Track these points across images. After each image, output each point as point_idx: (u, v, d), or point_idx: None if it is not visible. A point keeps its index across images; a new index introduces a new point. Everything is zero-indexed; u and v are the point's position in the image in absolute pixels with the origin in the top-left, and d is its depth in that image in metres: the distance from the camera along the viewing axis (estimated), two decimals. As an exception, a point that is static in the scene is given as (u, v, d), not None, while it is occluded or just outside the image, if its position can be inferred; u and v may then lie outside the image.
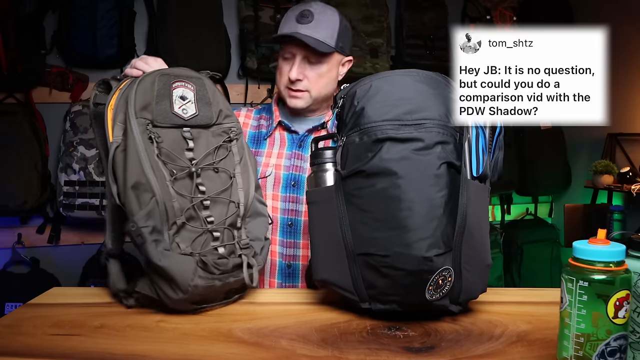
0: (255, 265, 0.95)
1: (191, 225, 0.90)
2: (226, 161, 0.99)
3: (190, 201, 0.91)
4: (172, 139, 0.93)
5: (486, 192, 0.89)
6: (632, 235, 0.65)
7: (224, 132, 1.00)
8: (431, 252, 0.79)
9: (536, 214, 3.17)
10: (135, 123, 0.89)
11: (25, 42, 2.32)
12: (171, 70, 0.97)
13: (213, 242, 0.92)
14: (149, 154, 0.88)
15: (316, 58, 1.24)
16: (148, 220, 0.85)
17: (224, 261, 0.90)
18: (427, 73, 0.89)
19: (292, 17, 1.23)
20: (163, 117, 0.92)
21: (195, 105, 0.96)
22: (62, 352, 0.75)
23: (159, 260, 0.84)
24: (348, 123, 0.89)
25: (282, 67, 1.28)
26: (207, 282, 0.87)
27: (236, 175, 0.98)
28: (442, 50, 2.84)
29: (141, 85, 0.92)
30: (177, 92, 0.95)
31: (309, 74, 1.25)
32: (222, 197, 0.95)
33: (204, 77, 1.00)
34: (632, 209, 2.65)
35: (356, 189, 0.85)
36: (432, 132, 0.83)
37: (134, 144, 0.87)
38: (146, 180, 0.86)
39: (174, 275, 0.85)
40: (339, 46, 1.25)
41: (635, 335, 0.64)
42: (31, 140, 2.33)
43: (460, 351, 0.75)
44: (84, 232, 2.53)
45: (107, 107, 0.92)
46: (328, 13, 1.25)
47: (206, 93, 0.99)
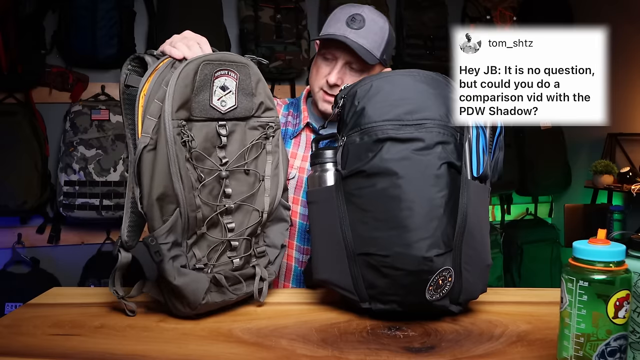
0: (267, 279, 0.93)
1: (210, 235, 0.87)
2: (258, 161, 0.93)
3: (215, 209, 0.86)
4: (205, 135, 0.86)
5: (486, 192, 0.89)
6: (632, 235, 0.65)
7: (261, 126, 0.93)
8: (431, 252, 0.79)
9: (536, 214, 3.17)
10: (170, 125, 0.80)
11: (25, 42, 2.32)
12: (216, 56, 0.87)
13: (230, 252, 0.89)
14: (180, 161, 0.81)
15: (359, 66, 1.16)
16: (169, 236, 0.82)
17: (237, 274, 0.89)
18: (427, 73, 0.88)
19: (342, 18, 1.16)
20: (200, 110, 0.85)
21: (236, 96, 0.89)
22: (62, 352, 0.75)
23: (174, 278, 0.82)
24: (348, 123, 0.88)
25: (320, 66, 1.20)
26: (218, 299, 0.87)
27: (265, 179, 0.93)
28: (442, 50, 2.85)
29: (182, 77, 0.82)
30: (218, 82, 0.86)
31: (347, 80, 1.17)
32: (246, 204, 0.91)
33: (249, 64, 0.91)
34: (632, 209, 2.65)
35: (356, 188, 0.85)
36: (432, 132, 0.83)
37: (165, 149, 0.80)
38: (173, 192, 0.81)
39: (186, 294, 0.83)
40: (383, 58, 1.18)
41: (635, 335, 0.64)
42: (31, 140, 2.34)
43: (460, 351, 0.75)
44: (84, 232, 2.53)
45: (140, 94, 0.83)
46: (379, 22, 1.18)
47: (249, 82, 0.91)
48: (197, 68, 0.83)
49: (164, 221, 0.82)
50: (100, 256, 2.45)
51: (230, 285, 0.88)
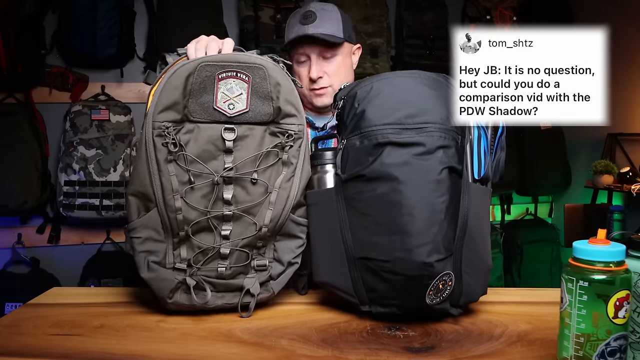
0: (256, 295, 0.89)
1: (195, 239, 0.86)
2: (270, 171, 0.88)
3: (205, 214, 0.85)
4: (208, 138, 0.84)
5: (487, 194, 0.88)
6: (632, 235, 0.65)
7: (281, 133, 0.88)
8: (432, 258, 0.78)
9: (536, 214, 3.17)
10: (149, 125, 0.82)
11: (25, 42, 2.32)
12: (222, 57, 0.85)
13: (220, 260, 0.87)
14: (159, 161, 0.82)
15: (330, 52, 1.25)
16: (142, 230, 0.84)
17: (221, 282, 0.88)
18: (428, 74, 0.87)
19: (296, 21, 1.26)
20: (201, 112, 0.83)
21: (247, 100, 0.85)
22: (62, 352, 0.75)
23: (141, 271, 0.85)
24: (348, 125, 0.88)
25: (300, 72, 1.28)
26: (186, 301, 0.86)
27: (273, 192, 0.88)
28: (442, 50, 2.84)
29: (173, 78, 0.82)
30: (224, 84, 0.84)
31: (327, 69, 1.26)
32: (244, 215, 0.87)
33: (267, 66, 0.86)
34: (632, 209, 2.64)
35: (356, 192, 0.84)
36: (433, 137, 0.82)
37: (144, 148, 0.82)
38: (146, 191, 0.83)
39: (152, 288, 0.86)
40: (347, 36, 1.28)
41: (635, 335, 0.64)
42: (31, 140, 2.33)
43: (460, 351, 0.75)
44: (84, 232, 2.53)
45: (151, 91, 0.85)
46: (328, 9, 1.28)
47: (266, 85, 0.86)
48: (192, 70, 0.83)
49: (140, 216, 0.85)
50: (100, 256, 2.45)
51: (217, 292, 0.88)
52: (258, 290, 0.89)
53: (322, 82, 1.26)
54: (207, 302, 0.87)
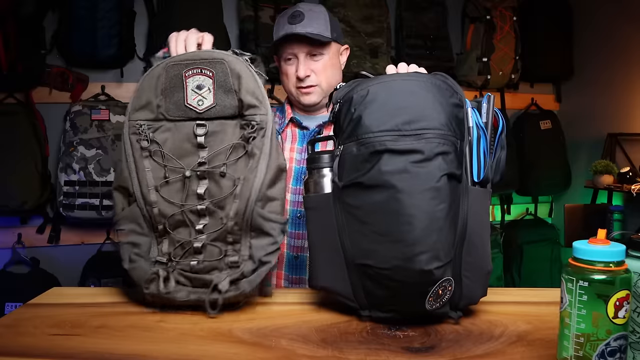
0: (223, 292, 0.86)
1: (171, 232, 0.89)
2: (239, 163, 0.89)
3: (179, 207, 0.89)
4: (185, 135, 0.89)
5: (487, 196, 0.87)
6: (632, 235, 0.65)
7: (247, 125, 0.89)
8: (431, 265, 0.77)
9: (536, 214, 3.17)
10: (127, 125, 0.89)
11: (25, 42, 2.32)
12: (186, 57, 0.89)
13: (195, 255, 0.89)
14: (135, 158, 0.89)
15: (318, 50, 1.28)
16: (125, 223, 0.89)
17: (193, 277, 0.88)
18: (427, 77, 0.85)
19: (284, 21, 1.28)
20: (176, 109, 0.89)
21: (214, 95, 0.87)
22: (62, 352, 0.75)
23: (124, 263, 0.89)
24: (345, 130, 0.85)
25: (286, 70, 1.30)
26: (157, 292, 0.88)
27: (239, 184, 0.88)
28: (442, 50, 2.84)
29: (147, 79, 0.89)
30: (192, 82, 0.87)
31: (314, 67, 1.28)
32: (214, 208, 0.88)
33: (227, 59, 0.89)
34: (632, 209, 2.64)
35: (354, 199, 0.83)
36: (432, 143, 0.79)
37: (121, 145, 0.89)
38: (126, 185, 0.89)
39: (133, 279, 0.89)
40: (334, 36, 1.30)
41: (635, 335, 0.64)
42: (31, 140, 2.33)
43: (460, 351, 0.75)
44: (84, 232, 2.53)
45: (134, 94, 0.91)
46: (315, 9, 1.30)
47: (227, 78, 0.88)
48: (161, 71, 0.89)
49: (123, 210, 0.91)
50: (100, 256, 2.45)
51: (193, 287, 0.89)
52: (226, 287, 0.87)
53: (309, 80, 1.28)
54: (169, 292, 0.87)
